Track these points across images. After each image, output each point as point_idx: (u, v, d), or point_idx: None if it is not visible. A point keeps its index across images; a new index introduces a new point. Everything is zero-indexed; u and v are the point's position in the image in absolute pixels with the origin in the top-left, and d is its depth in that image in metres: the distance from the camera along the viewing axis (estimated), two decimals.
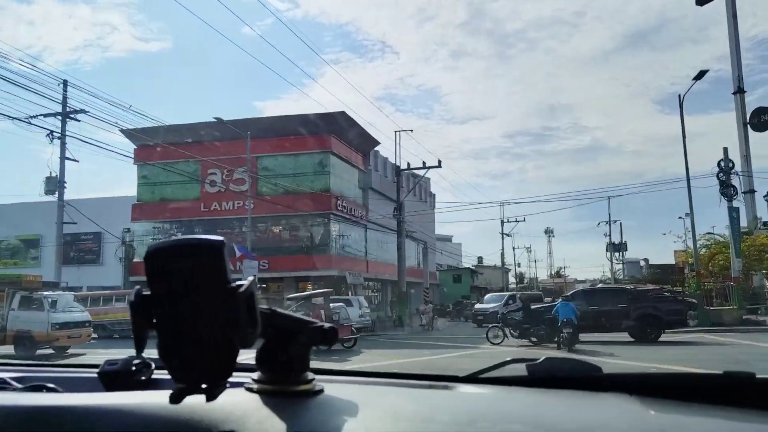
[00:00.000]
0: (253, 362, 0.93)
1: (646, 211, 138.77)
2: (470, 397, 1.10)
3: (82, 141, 30.26)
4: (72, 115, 27.53)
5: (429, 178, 51.55)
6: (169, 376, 0.87)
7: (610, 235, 56.20)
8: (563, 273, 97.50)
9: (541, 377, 1.20)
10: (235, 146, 28.65)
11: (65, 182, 28.56)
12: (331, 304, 18.89)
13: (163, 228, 33.39)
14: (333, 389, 0.96)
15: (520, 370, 1.24)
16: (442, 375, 1.29)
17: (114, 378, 1.22)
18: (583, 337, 17.48)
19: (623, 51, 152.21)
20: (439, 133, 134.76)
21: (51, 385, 1.20)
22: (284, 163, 31.38)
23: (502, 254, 58.99)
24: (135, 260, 32.32)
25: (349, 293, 28.98)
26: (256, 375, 0.94)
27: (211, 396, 0.79)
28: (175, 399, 0.79)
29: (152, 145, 30.51)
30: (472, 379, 1.27)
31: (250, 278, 0.80)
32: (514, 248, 72.46)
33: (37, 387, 1.19)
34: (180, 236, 0.88)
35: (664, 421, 0.93)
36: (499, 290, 53.38)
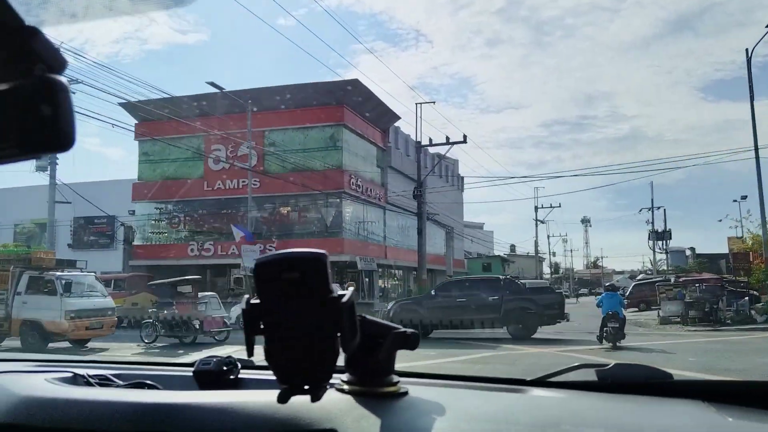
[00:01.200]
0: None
1: (691, 199, 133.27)
2: (543, 401, 1.11)
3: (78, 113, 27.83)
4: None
5: (457, 160, 48.46)
6: (253, 376, 1.08)
7: (653, 222, 52.29)
8: (600, 263, 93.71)
9: (612, 383, 1.18)
10: (242, 120, 26.10)
11: (57, 160, 26.62)
12: (200, 294, 16.92)
13: (165, 209, 31.11)
14: (416, 391, 1.03)
15: (589, 374, 1.24)
16: (512, 378, 1.31)
17: (208, 377, 1.26)
18: (445, 334, 15.60)
19: (665, 37, 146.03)
20: (473, 122, 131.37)
21: (150, 383, 1.24)
22: (293, 137, 28.70)
23: (536, 242, 55.71)
24: (135, 243, 30.14)
25: (345, 282, 25.89)
26: (345, 377, 1.02)
27: (315, 397, 0.85)
28: (283, 399, 0.85)
29: (153, 120, 28.17)
30: (541, 383, 1.28)
31: (351, 289, 0.87)
32: (549, 236, 68.55)
33: (138, 384, 1.24)
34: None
35: (743, 428, 0.92)
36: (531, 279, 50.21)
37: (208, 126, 27.00)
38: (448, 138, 29.52)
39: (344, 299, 0.84)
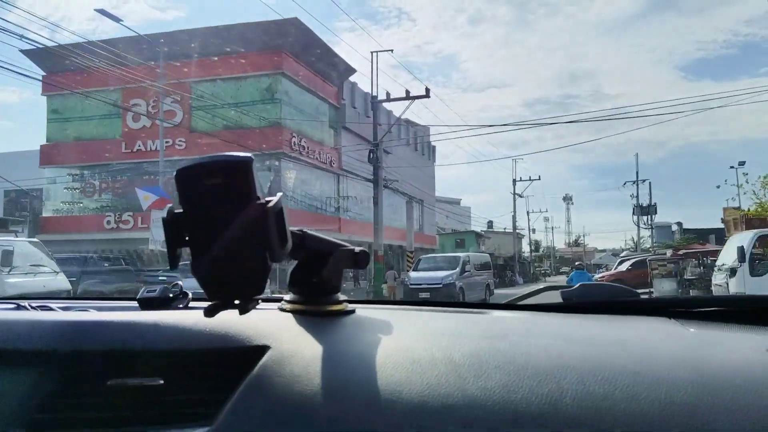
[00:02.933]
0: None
1: (676, 178, 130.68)
2: (502, 320, 1.10)
3: None
4: None
5: (428, 127, 44.38)
6: (204, 305, 0.92)
7: (637, 196, 48.85)
8: (582, 242, 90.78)
9: (577, 303, 1.19)
10: (166, 69, 21.78)
11: None
12: None
13: (81, 175, 26.74)
14: (364, 312, 0.98)
15: (556, 297, 1.25)
16: (475, 303, 1.31)
17: (152, 304, 1.22)
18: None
19: (647, 16, 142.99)
20: (456, 101, 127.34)
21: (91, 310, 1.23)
22: (224, 89, 24.42)
23: (514, 217, 51.95)
24: (44, 215, 25.83)
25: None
26: (287, 296, 0.98)
27: (243, 310, 0.81)
28: (210, 313, 0.82)
29: (65, 71, 23.77)
30: (507, 306, 1.27)
31: (279, 194, 0.82)
32: (528, 212, 64.96)
33: (79, 311, 1.21)
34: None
35: (703, 337, 0.93)
36: (508, 257, 46.58)
37: (128, 77, 22.67)
38: (408, 92, 25.43)
39: (270, 204, 0.78)
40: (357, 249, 0.97)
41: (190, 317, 0.89)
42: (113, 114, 25.13)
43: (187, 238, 0.79)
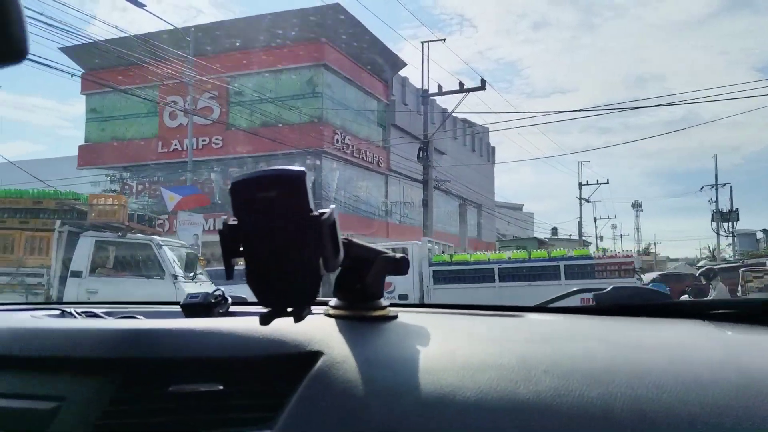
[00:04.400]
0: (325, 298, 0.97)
1: (756, 184, 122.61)
2: (541, 323, 1.10)
3: None
4: None
5: (487, 128, 41.82)
6: (242, 310, 1.04)
7: (717, 201, 44.78)
8: (653, 250, 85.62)
9: (610, 306, 1.19)
10: (205, 63, 20.36)
11: None
12: None
13: (119, 176, 25.71)
14: (407, 317, 1.00)
15: (588, 300, 1.36)
16: (510, 306, 1.28)
17: (195, 310, 1.24)
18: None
19: (720, 15, 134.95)
20: (519, 107, 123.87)
21: (137, 317, 1.25)
22: (263, 83, 22.79)
23: (580, 222, 48.54)
24: None
25: None
26: (333, 302, 1.00)
27: (298, 318, 0.83)
28: (265, 321, 0.83)
29: (102, 68, 22.81)
30: (541, 309, 1.29)
31: (332, 206, 0.84)
32: (595, 219, 61.09)
33: (126, 318, 1.24)
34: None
35: (742, 339, 0.92)
36: None
37: (164, 73, 21.39)
38: (461, 84, 23.15)
39: (324, 216, 0.80)
40: (398, 256, 1.00)
41: (244, 324, 0.92)
42: (150, 112, 23.97)
43: (241, 249, 0.82)
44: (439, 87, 23.52)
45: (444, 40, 24.98)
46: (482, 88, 22.90)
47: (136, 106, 24.03)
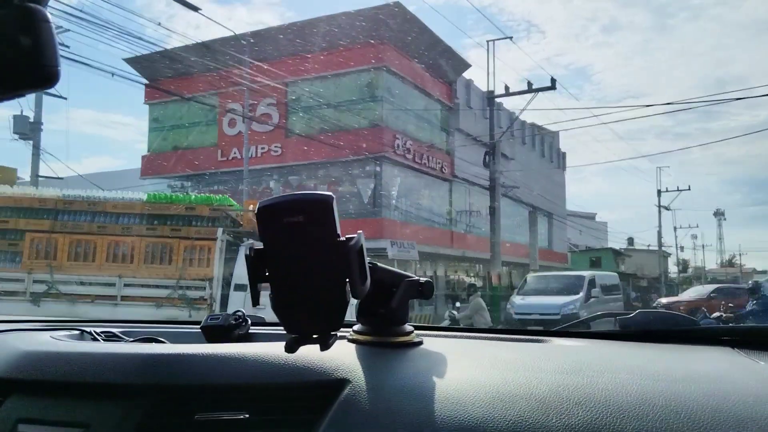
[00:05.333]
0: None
1: None
2: (569, 350, 1.06)
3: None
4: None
5: (557, 133, 39.90)
6: (262, 331, 1.04)
7: None
8: (737, 261, 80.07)
9: (635, 331, 1.17)
10: (262, 70, 19.91)
11: (41, 126, 21.69)
12: None
13: (181, 186, 25.61)
14: (431, 342, 0.99)
15: (613, 324, 1.25)
16: (533, 330, 1.28)
17: (215, 332, 1.21)
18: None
19: None
20: (589, 113, 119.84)
21: (158, 338, 1.22)
22: (321, 88, 22.10)
23: (659, 232, 45.57)
24: None
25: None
26: (357, 327, 0.99)
27: (325, 345, 0.82)
28: (291, 349, 0.83)
29: (163, 77, 22.80)
30: (565, 333, 1.25)
31: (360, 232, 0.83)
32: (675, 228, 57.52)
33: (146, 339, 1.22)
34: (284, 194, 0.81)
35: None
36: (651, 278, 40.66)
37: (224, 81, 21.11)
38: (530, 83, 21.73)
39: (352, 242, 0.79)
40: (423, 279, 0.98)
41: (269, 350, 0.90)
42: (210, 121, 23.76)
43: (267, 274, 0.81)
44: (506, 88, 22.19)
45: (511, 38, 23.69)
46: (552, 87, 21.42)
47: (196, 114, 23.88)
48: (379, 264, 0.93)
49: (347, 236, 0.79)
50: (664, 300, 22.46)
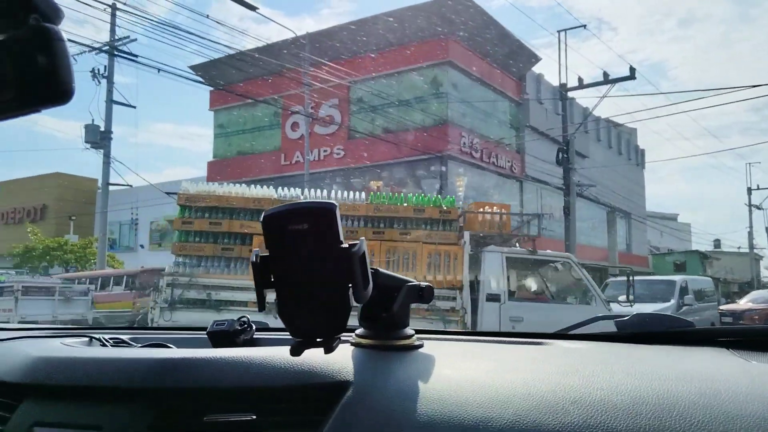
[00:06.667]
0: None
1: None
2: (567, 352, 1.09)
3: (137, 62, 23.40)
4: (122, 47, 20.90)
5: (635, 129, 37.68)
6: (266, 336, 1.07)
7: None
8: None
9: (632, 333, 1.19)
10: (320, 70, 19.46)
11: (111, 135, 22.03)
12: None
13: None
14: (432, 345, 1.01)
15: (609, 326, 1.25)
16: (532, 333, 1.30)
17: (221, 337, 1.24)
18: None
19: None
20: (669, 110, 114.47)
21: (164, 344, 1.25)
22: (384, 87, 21.34)
23: (750, 233, 42.45)
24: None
25: None
26: (359, 331, 1.01)
27: (329, 349, 0.84)
28: (295, 352, 0.85)
29: (229, 83, 22.78)
30: (563, 336, 1.28)
31: (362, 239, 0.86)
32: (767, 229, 53.49)
33: (153, 345, 1.25)
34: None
35: (766, 370, 0.92)
36: (743, 282, 37.70)
37: (286, 84, 20.82)
38: (606, 74, 20.28)
39: (355, 248, 0.82)
40: (423, 284, 1.00)
41: (274, 354, 0.93)
42: (272, 125, 23.52)
43: (272, 279, 0.83)
44: (580, 80, 20.81)
45: (585, 26, 22.31)
46: (631, 77, 19.93)
47: (259, 119, 23.72)
48: (380, 269, 0.95)
49: (350, 243, 0.81)
50: (729, 306, 19.30)
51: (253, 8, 16.88)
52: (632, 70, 19.95)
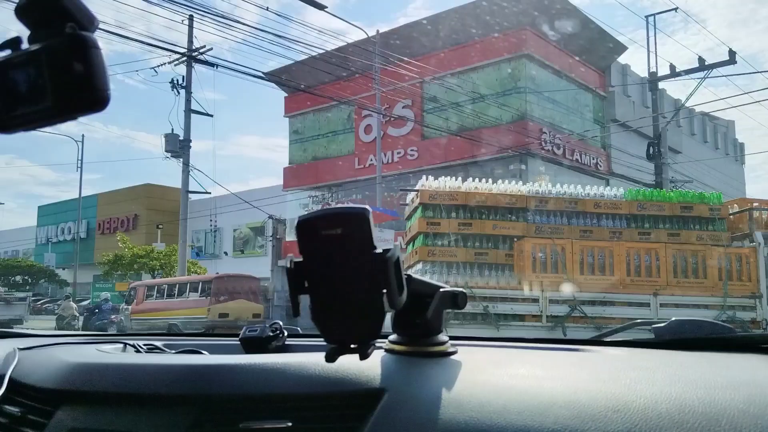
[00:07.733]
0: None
1: None
2: (604, 357, 1.07)
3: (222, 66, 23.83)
4: (199, 56, 21.35)
5: (732, 121, 34.98)
6: (298, 342, 1.06)
7: None
8: None
9: (670, 339, 1.17)
10: (392, 73, 19.06)
11: (190, 143, 22.48)
12: None
13: (321, 197, 25.42)
14: (466, 351, 1.00)
15: (646, 333, 1.21)
16: (569, 339, 1.26)
17: (254, 343, 1.26)
18: None
19: None
20: (765, 104, 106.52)
21: (198, 350, 1.27)
22: (458, 84, 20.60)
23: None
24: (288, 240, 24.96)
25: None
26: (393, 337, 1.00)
27: (363, 355, 0.84)
28: (330, 358, 0.85)
29: (304, 89, 22.79)
30: (600, 342, 1.25)
31: (396, 244, 0.94)
32: None
33: (187, 351, 1.27)
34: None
35: None
36: None
37: (358, 87, 20.55)
38: (702, 60, 18.64)
39: (389, 254, 0.81)
40: (457, 290, 0.99)
41: (308, 360, 0.93)
42: (346, 129, 23.29)
43: (306, 285, 0.83)
44: (672, 67, 19.26)
45: (676, 8, 20.67)
46: (731, 61, 18.24)
47: (333, 124, 23.56)
48: (414, 276, 0.93)
49: (384, 248, 0.80)
50: None
51: (321, 7, 16.64)
52: (732, 53, 18.26)
